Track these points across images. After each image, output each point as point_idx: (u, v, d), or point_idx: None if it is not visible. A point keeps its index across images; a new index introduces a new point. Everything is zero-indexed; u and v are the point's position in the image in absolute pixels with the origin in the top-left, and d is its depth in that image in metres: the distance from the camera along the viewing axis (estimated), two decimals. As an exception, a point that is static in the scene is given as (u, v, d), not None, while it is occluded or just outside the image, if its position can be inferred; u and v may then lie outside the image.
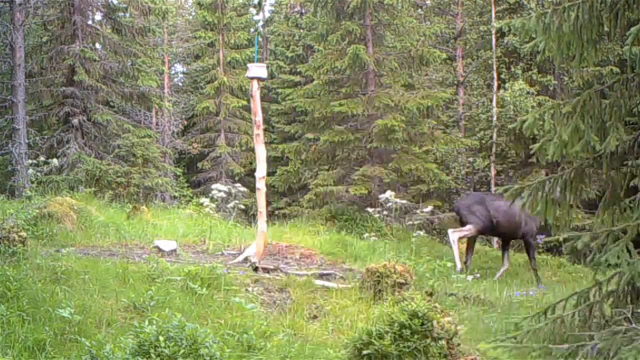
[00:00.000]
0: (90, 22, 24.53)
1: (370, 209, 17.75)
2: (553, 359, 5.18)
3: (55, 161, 15.85)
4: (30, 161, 16.26)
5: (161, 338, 6.20)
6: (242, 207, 17.63)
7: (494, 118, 22.11)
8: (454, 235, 13.28)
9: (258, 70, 10.96)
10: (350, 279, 10.34)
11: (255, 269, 10.32)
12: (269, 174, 16.26)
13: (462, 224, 13.70)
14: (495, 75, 22.94)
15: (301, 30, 33.25)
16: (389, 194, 16.84)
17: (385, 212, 16.96)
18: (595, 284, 5.34)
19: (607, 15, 5.46)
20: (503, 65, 23.15)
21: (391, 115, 19.72)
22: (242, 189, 17.09)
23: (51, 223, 11.49)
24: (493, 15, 23.23)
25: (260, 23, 38.82)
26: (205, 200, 16.24)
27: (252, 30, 37.01)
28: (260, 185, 10.97)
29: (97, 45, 23.71)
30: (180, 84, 39.54)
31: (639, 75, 5.50)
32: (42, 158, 15.13)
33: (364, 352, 6.88)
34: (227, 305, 8.66)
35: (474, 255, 15.00)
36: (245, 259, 10.82)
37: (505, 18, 22.41)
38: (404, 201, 17.34)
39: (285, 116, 32.62)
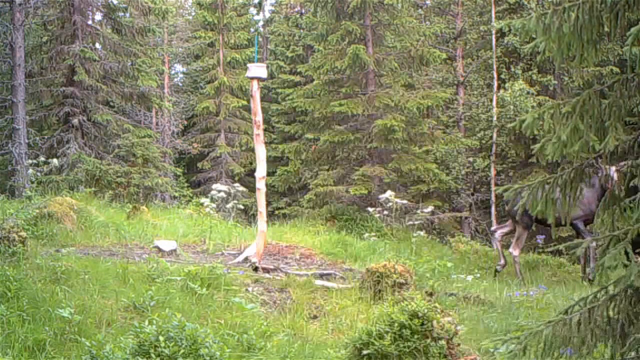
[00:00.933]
0: (90, 22, 24.52)
1: (370, 209, 17.76)
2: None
3: (55, 161, 15.88)
4: (30, 161, 16.29)
5: (161, 338, 6.20)
6: (241, 207, 17.64)
7: (494, 118, 22.11)
8: (515, 252, 13.12)
9: (258, 70, 10.97)
10: (350, 279, 10.34)
11: (255, 269, 10.32)
12: (269, 174, 16.29)
13: (516, 222, 13.45)
14: (495, 75, 22.94)
15: (301, 30, 33.24)
16: (389, 194, 16.84)
17: (385, 212, 16.96)
18: (602, 288, 5.31)
19: (607, 16, 5.45)
20: (503, 65, 23.15)
21: (391, 115, 19.73)
22: (241, 188, 17.10)
23: (51, 223, 11.49)
24: (493, 15, 23.23)
25: (260, 23, 38.83)
26: (205, 201, 16.25)
27: (252, 30, 36.99)
28: (260, 185, 10.98)
29: (97, 45, 23.70)
30: (180, 84, 39.52)
31: (639, 75, 5.49)
32: (42, 158, 15.17)
33: (364, 352, 6.88)
34: (227, 305, 8.66)
35: (474, 255, 15.02)
36: (245, 259, 10.82)
37: (505, 18, 22.41)
38: (404, 201, 17.34)
39: (285, 116, 32.61)
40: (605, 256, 5.08)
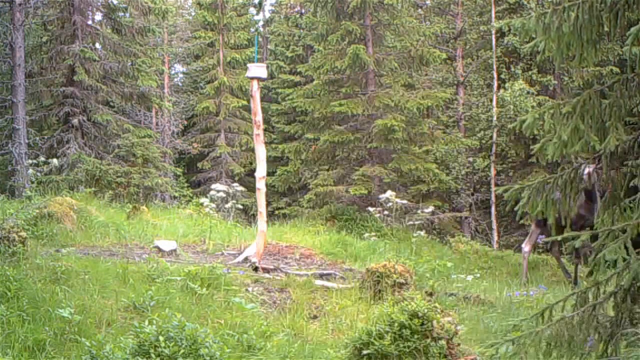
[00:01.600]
0: (90, 22, 24.52)
1: (370, 209, 17.76)
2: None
3: (55, 161, 15.89)
4: (30, 161, 16.28)
5: (161, 338, 6.20)
6: (240, 207, 17.65)
7: (494, 118, 22.11)
8: (526, 247, 12.97)
9: (258, 70, 10.97)
10: (350, 279, 10.34)
11: (255, 269, 10.32)
12: (269, 174, 16.28)
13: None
14: (495, 75, 22.95)
15: (301, 30, 33.24)
16: (389, 194, 16.85)
17: (385, 212, 16.97)
18: (594, 284, 5.32)
19: (607, 15, 5.45)
20: (503, 65, 23.15)
21: (391, 115, 19.74)
22: (240, 188, 17.10)
23: (51, 223, 11.48)
24: (493, 15, 23.23)
25: (260, 23, 38.81)
26: (205, 201, 16.25)
27: (252, 30, 36.96)
28: (260, 185, 10.98)
29: (97, 45, 23.70)
30: (180, 84, 39.50)
31: (639, 75, 5.50)
32: (42, 158, 15.16)
33: (364, 352, 6.88)
34: (227, 305, 8.66)
35: (474, 255, 15.00)
36: (245, 259, 10.82)
37: (505, 18, 22.41)
38: (404, 201, 17.35)
39: (285, 116, 32.60)
40: (605, 250, 5.08)
